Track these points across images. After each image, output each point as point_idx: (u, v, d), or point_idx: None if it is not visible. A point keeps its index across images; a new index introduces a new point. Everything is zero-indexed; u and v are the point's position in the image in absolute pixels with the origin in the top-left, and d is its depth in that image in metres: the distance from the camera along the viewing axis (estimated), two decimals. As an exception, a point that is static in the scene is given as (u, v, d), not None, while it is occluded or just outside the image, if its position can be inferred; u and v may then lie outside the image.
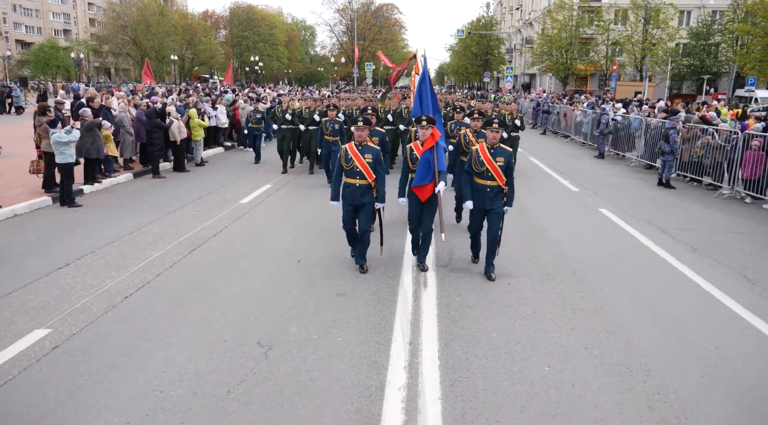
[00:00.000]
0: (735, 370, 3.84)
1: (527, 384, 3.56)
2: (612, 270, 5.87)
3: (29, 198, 8.44)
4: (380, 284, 5.28)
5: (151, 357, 3.86)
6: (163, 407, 3.26)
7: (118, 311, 4.60)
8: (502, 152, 5.29)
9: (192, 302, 4.80)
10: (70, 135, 8.26)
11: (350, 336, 4.20)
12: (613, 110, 15.93)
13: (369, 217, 5.57)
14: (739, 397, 3.50)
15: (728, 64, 35.47)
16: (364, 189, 5.34)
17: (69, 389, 3.44)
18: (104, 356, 3.85)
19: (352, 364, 3.77)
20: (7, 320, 4.39)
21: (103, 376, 3.59)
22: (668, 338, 4.31)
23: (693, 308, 4.93)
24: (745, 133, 9.74)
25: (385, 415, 3.20)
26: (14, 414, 3.18)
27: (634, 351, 4.07)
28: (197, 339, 4.12)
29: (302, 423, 3.12)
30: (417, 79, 7.57)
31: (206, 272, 5.59)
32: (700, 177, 11.01)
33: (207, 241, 6.67)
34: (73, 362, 3.77)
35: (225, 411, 3.23)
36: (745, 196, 9.74)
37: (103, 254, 6.08)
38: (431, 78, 6.85)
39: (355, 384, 3.52)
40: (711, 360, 3.97)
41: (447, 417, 3.19)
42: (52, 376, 3.58)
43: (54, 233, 6.98)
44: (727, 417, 3.29)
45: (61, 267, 5.62)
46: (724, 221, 8.22)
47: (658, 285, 5.48)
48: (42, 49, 58.94)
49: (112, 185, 10.10)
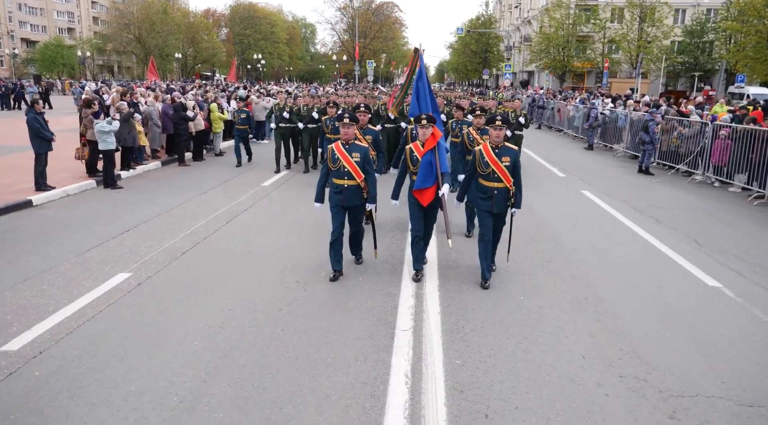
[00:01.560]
0: (668, 300, 4.94)
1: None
2: (584, 236, 6.97)
3: (74, 182, 9.52)
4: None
5: (214, 293, 4.97)
6: (231, 318, 4.37)
7: (180, 263, 5.71)
8: (507, 151, 4.97)
9: (238, 257, 5.91)
10: (111, 125, 9.36)
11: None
12: (602, 105, 17.02)
13: (360, 218, 5.32)
14: (665, 315, 4.60)
15: (721, 61, 36.48)
16: (353, 190, 5.05)
17: (158, 309, 4.55)
18: (178, 291, 4.96)
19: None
20: (95, 267, 5.50)
21: (181, 304, 4.70)
22: (620, 279, 5.42)
23: (645, 260, 6.04)
24: (714, 124, 10.82)
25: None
26: (121, 327, 4.28)
27: (594, 288, 5.17)
28: (249, 281, 5.23)
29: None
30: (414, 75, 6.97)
31: (245, 236, 6.70)
32: (676, 164, 12.10)
33: (240, 214, 7.77)
34: (155, 294, 4.88)
35: (275, 335, 4.34)
36: (715, 181, 10.83)
37: (155, 224, 7.19)
38: (429, 75, 6.72)
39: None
40: (651, 293, 5.08)
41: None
42: (143, 302, 4.69)
43: (106, 208, 8.07)
44: (658, 331, 4.39)
45: (123, 233, 6.73)
46: (689, 201, 9.32)
47: (621, 245, 6.59)
48: (48, 47, 59.94)
49: (144, 171, 11.19)
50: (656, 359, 3.88)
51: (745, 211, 8.70)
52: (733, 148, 10.16)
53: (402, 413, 3.23)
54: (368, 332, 4.21)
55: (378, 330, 4.25)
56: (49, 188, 8.75)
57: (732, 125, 10.35)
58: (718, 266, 5.90)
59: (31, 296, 4.78)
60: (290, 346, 3.97)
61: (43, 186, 8.74)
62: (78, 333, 4.12)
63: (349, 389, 3.45)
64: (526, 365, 3.76)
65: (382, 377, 3.59)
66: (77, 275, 5.31)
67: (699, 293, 5.17)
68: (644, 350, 4.01)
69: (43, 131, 8.66)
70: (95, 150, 9.76)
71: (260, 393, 3.39)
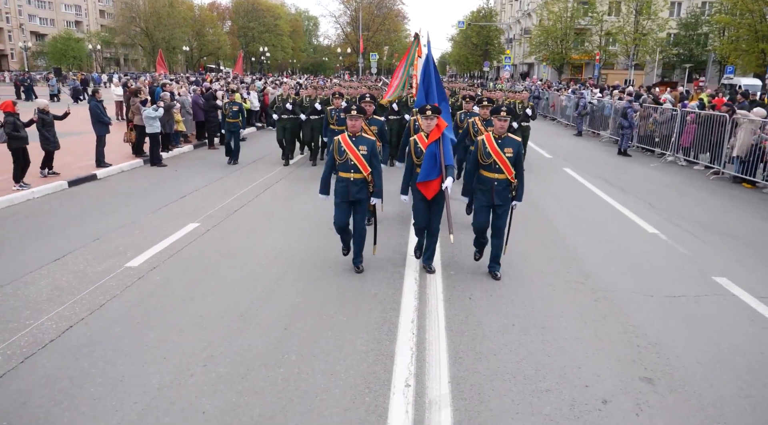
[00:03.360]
0: (618, 243, 6.46)
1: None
2: (560, 202, 8.46)
3: (124, 161, 11.03)
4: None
5: (266, 236, 6.50)
6: (280, 258, 5.90)
7: (237, 216, 7.26)
8: (510, 142, 4.87)
9: (278, 212, 7.46)
10: (156, 112, 10.85)
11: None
12: (591, 95, 18.43)
13: (365, 214, 5.11)
14: (614, 251, 6.12)
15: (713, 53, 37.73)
16: (359, 184, 4.92)
17: (225, 248, 6.08)
18: (238, 235, 6.49)
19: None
20: (170, 219, 7.05)
21: (242, 244, 6.23)
22: (585, 231, 6.93)
23: (605, 218, 7.56)
24: (682, 110, 12.27)
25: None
26: (203, 257, 5.82)
27: (563, 237, 6.69)
28: (288, 230, 6.76)
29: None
30: (419, 63, 7.04)
31: (283, 200, 8.23)
32: (653, 148, 13.56)
33: (273, 185, 9.30)
34: (222, 238, 6.41)
35: (306, 276, 5.86)
36: (683, 160, 12.30)
37: (205, 191, 8.73)
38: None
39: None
40: (606, 241, 6.60)
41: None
42: (213, 242, 6.23)
43: (160, 181, 9.60)
44: (605, 259, 5.91)
45: (182, 197, 8.26)
46: (656, 176, 10.81)
47: (588, 207, 8.10)
48: (57, 41, 61.28)
49: (179, 153, 12.71)
50: (595, 270, 5.40)
51: (701, 184, 10.19)
52: (697, 131, 11.62)
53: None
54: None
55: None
56: (107, 165, 10.27)
57: (695, 111, 11.80)
58: (662, 221, 7.41)
59: (132, 237, 6.31)
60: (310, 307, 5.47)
61: (102, 163, 10.26)
62: (175, 258, 5.66)
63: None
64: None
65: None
66: (159, 224, 6.84)
67: (641, 237, 6.69)
68: (591, 266, 5.53)
69: (102, 117, 10.17)
70: (141, 134, 11.27)
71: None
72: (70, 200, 8.17)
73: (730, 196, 9.17)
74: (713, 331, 4.24)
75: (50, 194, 8.52)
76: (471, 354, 3.81)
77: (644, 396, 3.36)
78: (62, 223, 6.92)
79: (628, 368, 3.68)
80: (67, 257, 5.62)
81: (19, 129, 8.29)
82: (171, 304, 4.55)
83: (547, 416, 3.14)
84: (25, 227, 6.73)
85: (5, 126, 8.15)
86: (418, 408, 3.20)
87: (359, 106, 5.06)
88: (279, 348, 3.84)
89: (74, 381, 3.41)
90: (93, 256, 5.65)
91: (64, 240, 6.15)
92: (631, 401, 3.31)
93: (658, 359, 3.81)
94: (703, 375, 3.61)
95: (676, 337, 4.13)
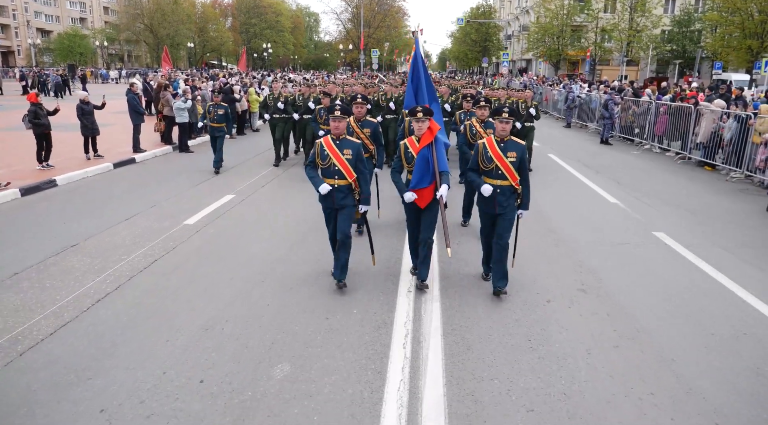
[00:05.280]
0: (585, 210, 7.80)
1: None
2: (541, 180, 9.78)
3: (155, 148, 12.36)
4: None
5: (291, 202, 7.84)
6: (298, 220, 7.25)
7: (265, 190, 8.61)
8: (514, 145, 4.51)
9: (297, 184, 8.78)
10: (186, 104, 12.18)
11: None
12: (579, 89, 19.74)
13: (349, 220, 4.68)
14: (578, 217, 7.46)
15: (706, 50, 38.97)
16: (344, 190, 4.58)
17: (258, 213, 7.43)
18: (269, 203, 7.84)
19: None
20: (207, 192, 8.40)
21: (271, 210, 7.58)
22: (557, 202, 8.27)
23: (578, 193, 8.90)
24: (657, 102, 13.59)
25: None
26: (242, 220, 7.16)
27: (539, 206, 8.02)
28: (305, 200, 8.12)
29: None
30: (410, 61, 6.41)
31: (297, 178, 9.58)
32: (633, 138, 14.88)
33: (291, 167, 10.63)
34: (255, 205, 7.75)
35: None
36: (657, 148, 13.63)
37: (234, 170, 10.10)
38: (431, 63, 6.93)
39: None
40: (577, 208, 7.93)
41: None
42: (245, 211, 7.57)
43: (191, 163, 10.93)
44: (572, 222, 7.26)
45: (214, 176, 9.60)
46: (629, 161, 12.14)
47: (564, 184, 9.43)
48: (63, 37, 62.50)
49: (201, 142, 14.02)
50: (560, 227, 6.74)
51: (668, 167, 11.53)
52: (669, 121, 12.95)
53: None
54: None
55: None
56: (143, 151, 11.61)
57: (668, 103, 13.12)
58: (624, 194, 8.75)
59: (180, 205, 7.66)
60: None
61: (138, 149, 11.60)
62: (221, 218, 7.01)
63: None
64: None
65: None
66: (200, 196, 8.19)
67: (603, 205, 8.04)
68: (557, 224, 6.87)
69: (138, 108, 11.51)
70: (170, 123, 12.60)
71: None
72: (119, 178, 9.52)
73: (691, 177, 10.51)
74: (642, 265, 5.59)
75: (100, 173, 9.88)
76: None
77: (578, 299, 4.72)
78: (120, 194, 8.28)
79: (570, 283, 5.03)
80: (135, 217, 6.98)
81: (40, 117, 9.36)
82: (225, 247, 5.91)
83: (508, 309, 4.48)
84: (91, 198, 8.09)
85: (28, 114, 9.32)
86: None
87: (343, 106, 4.65)
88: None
89: (169, 291, 4.76)
90: (155, 217, 7.01)
91: (127, 207, 7.50)
92: (567, 300, 4.67)
93: (593, 279, 5.16)
94: (627, 290, 4.95)
95: (613, 268, 5.48)
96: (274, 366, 3.58)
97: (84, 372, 3.48)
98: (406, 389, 3.35)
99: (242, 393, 3.29)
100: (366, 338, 3.97)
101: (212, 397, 3.24)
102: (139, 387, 3.32)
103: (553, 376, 3.52)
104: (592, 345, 3.94)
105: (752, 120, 9.83)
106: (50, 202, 7.85)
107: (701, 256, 5.86)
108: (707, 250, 6.07)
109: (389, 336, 3.99)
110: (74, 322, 4.16)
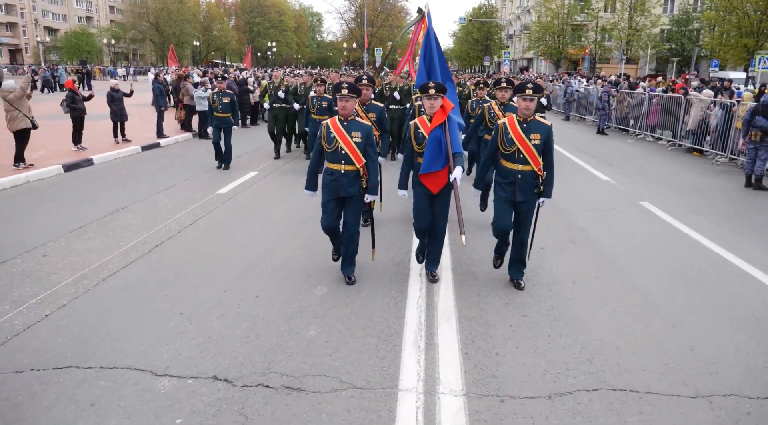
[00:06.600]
0: (579, 185, 8.55)
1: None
2: (538, 162, 10.55)
3: (175, 135, 13.13)
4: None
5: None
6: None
7: (285, 168, 9.38)
8: (538, 126, 4.09)
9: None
10: (206, 93, 12.94)
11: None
12: (578, 84, 20.49)
13: (358, 213, 4.36)
14: (571, 192, 8.21)
15: (702, 48, 39.71)
16: (351, 177, 4.19)
17: (278, 186, 8.19)
18: (288, 180, 8.60)
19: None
20: (236, 170, 9.17)
21: (289, 187, 8.34)
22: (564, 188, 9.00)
23: (572, 172, 9.66)
24: (649, 93, 14.34)
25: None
26: (264, 192, 7.93)
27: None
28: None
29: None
30: (421, 37, 5.71)
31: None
32: (628, 128, 15.63)
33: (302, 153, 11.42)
34: (280, 178, 8.52)
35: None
36: (650, 137, 14.38)
37: (254, 154, 10.86)
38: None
39: None
40: (572, 185, 8.68)
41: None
42: (269, 184, 8.34)
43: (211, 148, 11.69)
44: (565, 194, 8.02)
45: (237, 158, 10.36)
46: (623, 148, 12.89)
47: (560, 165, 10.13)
48: (71, 36, 63.40)
49: (218, 130, 14.82)
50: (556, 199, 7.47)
51: (659, 153, 12.28)
52: (661, 111, 13.70)
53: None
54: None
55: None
56: (166, 136, 12.39)
57: (659, 94, 13.87)
58: (615, 173, 9.50)
59: (210, 179, 8.43)
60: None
61: (161, 135, 12.37)
62: (249, 189, 7.79)
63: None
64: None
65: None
66: (226, 172, 8.97)
67: (595, 182, 8.81)
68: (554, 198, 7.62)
69: (163, 95, 12.29)
70: (190, 112, 13.38)
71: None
72: (148, 160, 10.29)
73: (679, 160, 11.26)
74: (626, 227, 6.34)
75: (131, 155, 10.67)
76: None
77: (567, 247, 5.49)
78: (153, 171, 9.05)
79: (562, 236, 5.80)
80: (171, 188, 7.75)
81: (77, 102, 10.29)
82: (257, 208, 6.70)
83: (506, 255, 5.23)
84: (127, 174, 8.86)
85: (66, 100, 10.22)
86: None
87: (351, 85, 4.22)
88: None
89: (215, 240, 5.53)
90: (190, 188, 7.78)
91: (163, 179, 8.29)
92: (558, 249, 5.44)
93: (582, 234, 5.92)
94: (611, 244, 5.70)
95: (601, 228, 6.24)
96: (314, 287, 4.35)
97: (157, 291, 4.24)
98: (423, 301, 4.15)
99: (291, 303, 4.06)
100: (390, 269, 4.77)
101: (268, 305, 4.01)
102: (206, 301, 4.08)
103: (543, 296, 4.28)
104: (577, 276, 4.71)
105: (735, 107, 10.57)
106: (92, 176, 8.64)
107: (679, 219, 6.62)
108: (684, 215, 6.82)
109: (407, 268, 4.79)
110: (141, 260, 4.93)
